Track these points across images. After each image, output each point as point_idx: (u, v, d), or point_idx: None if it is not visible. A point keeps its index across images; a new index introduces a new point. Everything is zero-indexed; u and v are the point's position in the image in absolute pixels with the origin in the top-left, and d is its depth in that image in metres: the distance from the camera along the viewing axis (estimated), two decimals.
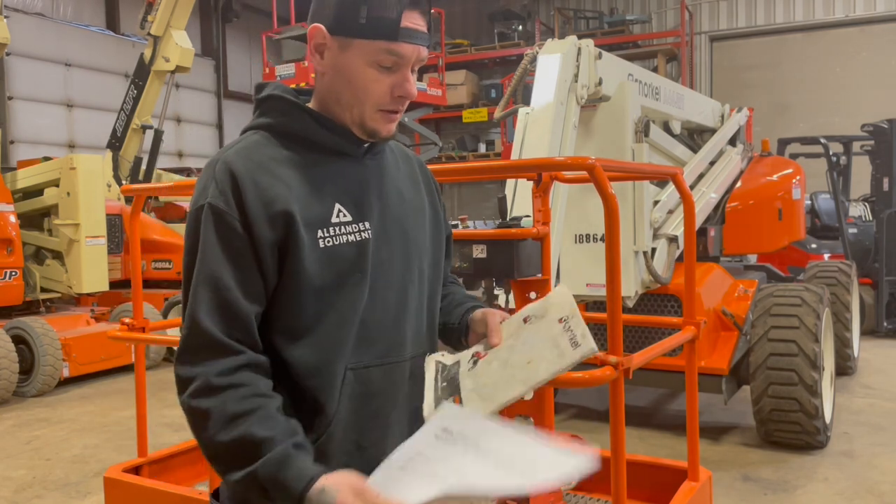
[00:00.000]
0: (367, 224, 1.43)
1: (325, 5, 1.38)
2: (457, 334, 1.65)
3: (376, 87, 1.39)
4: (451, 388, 1.45)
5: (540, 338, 1.49)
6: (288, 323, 1.37)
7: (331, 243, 1.37)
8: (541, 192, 3.05)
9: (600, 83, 4.26)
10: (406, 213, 1.53)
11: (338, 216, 1.40)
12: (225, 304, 1.30)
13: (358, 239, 1.41)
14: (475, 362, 1.50)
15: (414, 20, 1.37)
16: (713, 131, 6.12)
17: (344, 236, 1.39)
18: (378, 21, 1.35)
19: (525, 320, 1.54)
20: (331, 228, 1.38)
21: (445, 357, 1.53)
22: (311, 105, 1.46)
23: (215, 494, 1.48)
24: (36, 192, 7.94)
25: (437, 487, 1.14)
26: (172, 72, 9.55)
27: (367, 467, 1.27)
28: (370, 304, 1.42)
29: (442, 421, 1.31)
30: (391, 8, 1.34)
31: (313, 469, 1.24)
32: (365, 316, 1.41)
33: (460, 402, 1.42)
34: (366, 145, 1.47)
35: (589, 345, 1.45)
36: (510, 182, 3.77)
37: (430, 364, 1.51)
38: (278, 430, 1.26)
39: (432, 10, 1.48)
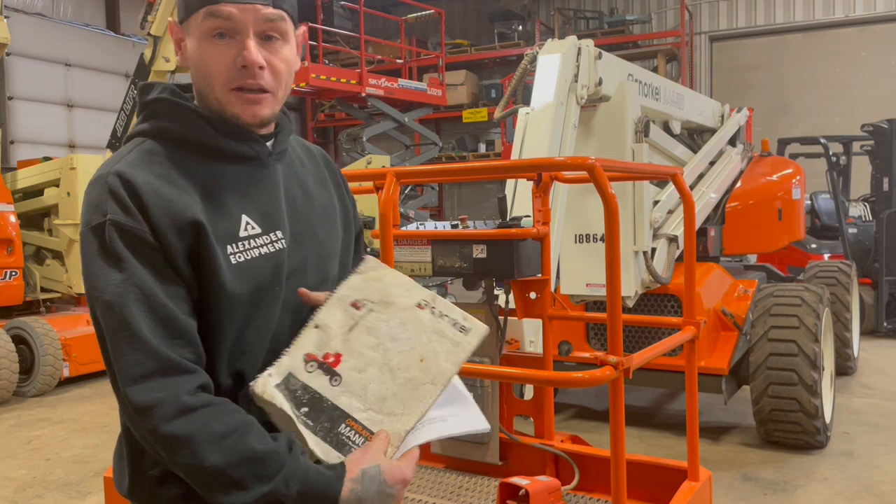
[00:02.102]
0: (278, 234, 1.34)
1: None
2: None
3: (216, 60, 1.28)
4: (324, 414, 1.23)
5: (412, 331, 1.32)
6: (207, 343, 1.25)
7: (242, 259, 1.28)
8: (541, 192, 3.05)
9: (600, 83, 4.27)
10: (316, 215, 1.44)
11: (246, 229, 1.30)
12: (167, 320, 1.19)
13: (271, 251, 1.32)
14: (328, 371, 1.26)
15: None
16: (713, 131, 6.13)
17: (255, 250, 1.30)
18: None
19: (356, 305, 1.33)
20: (240, 243, 1.29)
21: (271, 377, 1.25)
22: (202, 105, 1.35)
23: None
24: (36, 192, 7.95)
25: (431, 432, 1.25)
26: (172, 72, 9.53)
27: None
28: (282, 316, 1.33)
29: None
30: None
31: (330, 467, 1.19)
32: (278, 331, 1.33)
33: (360, 427, 1.23)
34: (269, 144, 1.38)
35: (479, 326, 1.36)
36: (510, 182, 3.77)
37: (269, 392, 1.22)
38: (279, 441, 1.19)
39: (432, 11, 1.41)
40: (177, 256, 1.22)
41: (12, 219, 7.42)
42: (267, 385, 1.23)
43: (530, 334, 3.50)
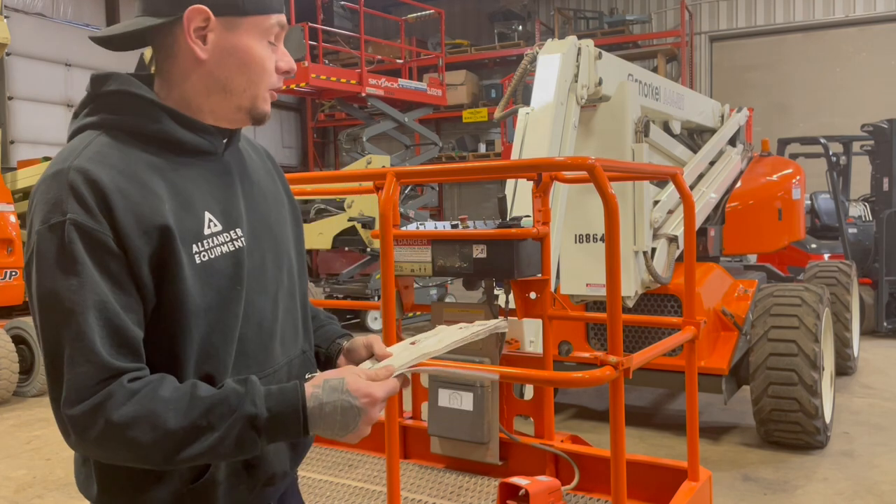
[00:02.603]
0: (238, 231, 1.32)
1: None
2: (321, 358, 1.56)
3: (268, 63, 1.32)
4: None
5: (445, 334, 1.55)
6: (173, 349, 1.23)
7: (206, 258, 1.25)
8: (541, 192, 3.05)
9: (600, 83, 4.27)
10: (269, 208, 1.43)
11: (209, 226, 1.27)
12: (118, 331, 1.16)
13: (232, 249, 1.30)
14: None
15: None
16: (713, 131, 6.13)
17: (218, 248, 1.28)
18: (252, 1, 1.29)
19: (413, 343, 1.50)
20: (204, 241, 1.26)
21: None
22: (162, 98, 1.31)
23: None
24: None
25: (414, 354, 1.38)
26: None
27: (255, 482, 1.32)
28: (245, 315, 1.32)
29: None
30: None
31: (289, 384, 1.22)
32: (243, 330, 1.31)
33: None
34: (224, 141, 1.36)
35: (496, 321, 1.63)
36: (510, 182, 3.77)
37: None
38: (228, 384, 1.20)
39: (432, 11, 1.46)
40: (141, 262, 1.18)
41: (12, 219, 7.42)
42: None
43: (530, 334, 3.50)
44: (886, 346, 8.20)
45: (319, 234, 9.37)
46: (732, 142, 6.31)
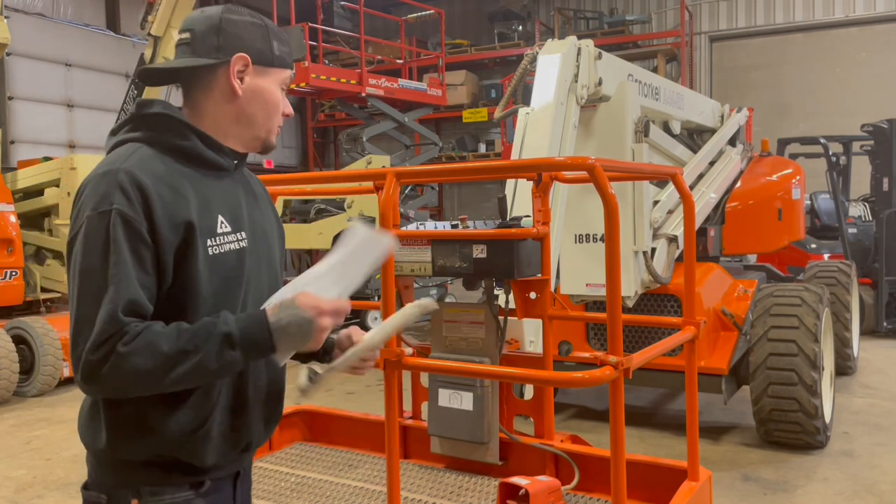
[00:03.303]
0: (243, 234, 1.63)
1: (244, 40, 1.62)
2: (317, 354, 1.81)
3: (279, 105, 1.70)
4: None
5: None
6: (185, 321, 1.49)
7: (218, 251, 1.55)
8: (541, 192, 3.06)
9: (600, 83, 4.27)
10: (264, 221, 1.75)
11: (221, 227, 1.58)
12: (136, 302, 1.44)
13: (237, 248, 1.60)
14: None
15: None
16: (713, 131, 6.13)
17: (227, 245, 1.58)
18: (284, 53, 1.69)
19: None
20: (217, 237, 1.56)
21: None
22: (194, 124, 1.62)
23: (87, 485, 1.61)
24: (36, 192, 7.95)
25: (341, 287, 1.63)
26: None
27: (237, 445, 1.63)
28: (243, 302, 1.61)
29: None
30: (286, 44, 1.70)
31: (253, 311, 1.52)
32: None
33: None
34: (235, 162, 1.69)
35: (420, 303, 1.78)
36: (510, 182, 3.77)
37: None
38: (204, 319, 1.48)
39: (432, 11, 1.58)
40: (167, 249, 1.48)
41: (12, 219, 7.42)
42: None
43: (530, 334, 3.51)
44: (886, 346, 8.21)
45: (319, 234, 9.37)
46: (732, 142, 6.31)
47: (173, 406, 1.52)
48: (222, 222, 1.58)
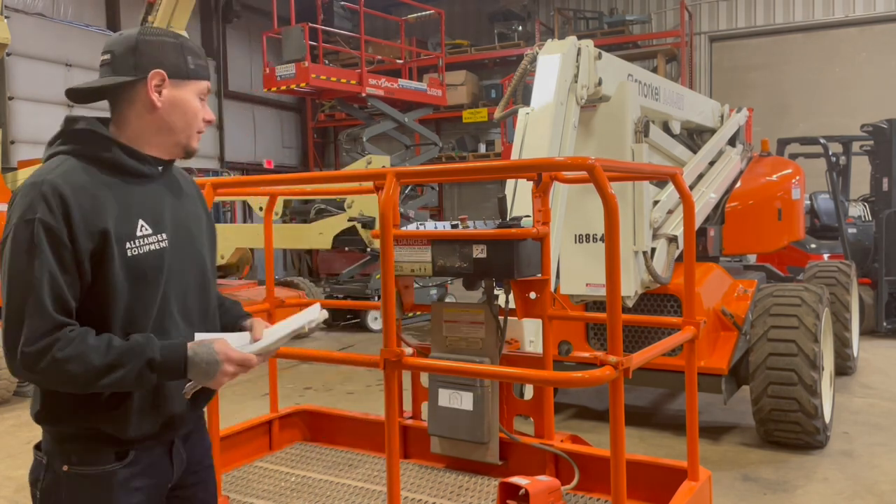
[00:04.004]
0: (163, 236, 1.79)
1: (160, 57, 1.80)
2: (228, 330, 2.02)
3: (198, 114, 1.87)
4: None
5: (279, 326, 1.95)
6: (103, 314, 1.70)
7: (136, 253, 1.73)
8: (541, 192, 3.06)
9: (600, 83, 4.27)
10: (191, 222, 1.91)
11: (141, 230, 1.75)
12: (61, 298, 1.64)
13: (157, 248, 1.77)
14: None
15: None
16: (713, 131, 6.13)
17: (147, 246, 1.75)
18: (199, 67, 1.87)
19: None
20: (136, 241, 1.73)
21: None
22: (115, 135, 1.81)
23: (38, 446, 1.81)
24: None
25: (264, 341, 1.88)
26: None
27: (157, 419, 1.80)
28: (163, 295, 1.79)
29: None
30: (201, 57, 1.88)
31: (178, 341, 1.74)
32: (160, 306, 1.78)
33: None
34: (160, 168, 1.86)
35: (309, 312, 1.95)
36: (510, 182, 3.77)
37: None
38: (135, 338, 1.69)
39: (432, 11, 1.60)
40: (83, 253, 1.66)
41: None
42: None
43: (530, 334, 3.51)
44: (886, 346, 8.21)
45: (319, 234, 9.37)
46: (732, 142, 6.31)
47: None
48: (143, 226, 1.75)
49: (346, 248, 10.57)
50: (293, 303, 3.89)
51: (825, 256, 8.95)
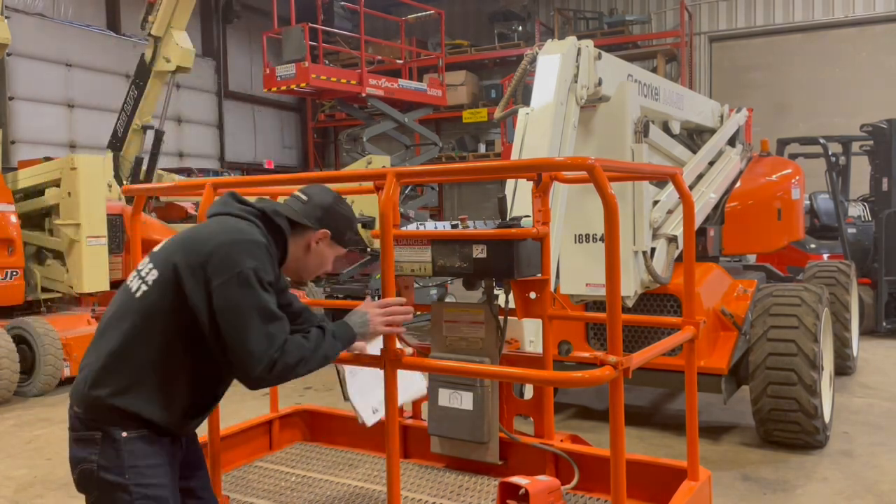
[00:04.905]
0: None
1: (336, 224, 2.37)
2: None
3: (327, 267, 2.44)
4: None
5: None
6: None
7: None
8: (540, 192, 3.06)
9: (600, 83, 4.27)
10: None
11: (279, 284, 2.33)
12: (277, 317, 2.14)
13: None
14: None
15: None
16: (712, 131, 6.13)
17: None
18: (351, 241, 2.44)
19: None
20: (277, 288, 2.29)
21: None
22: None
23: (85, 425, 2.35)
24: (37, 192, 7.94)
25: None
26: (173, 72, 9.54)
27: (193, 426, 2.33)
28: None
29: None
30: (356, 234, 2.47)
31: (340, 321, 2.32)
32: None
33: None
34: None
35: None
36: (510, 182, 3.78)
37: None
38: (313, 331, 2.24)
39: (432, 11, 1.69)
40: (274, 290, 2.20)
41: (13, 219, 7.42)
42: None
43: (530, 334, 3.51)
44: (886, 346, 8.21)
45: None
46: (732, 142, 6.31)
47: (179, 393, 2.17)
48: (280, 280, 2.38)
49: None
50: None
51: (825, 256, 8.95)
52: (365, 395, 2.49)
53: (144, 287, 2.17)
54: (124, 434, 2.14)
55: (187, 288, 2.07)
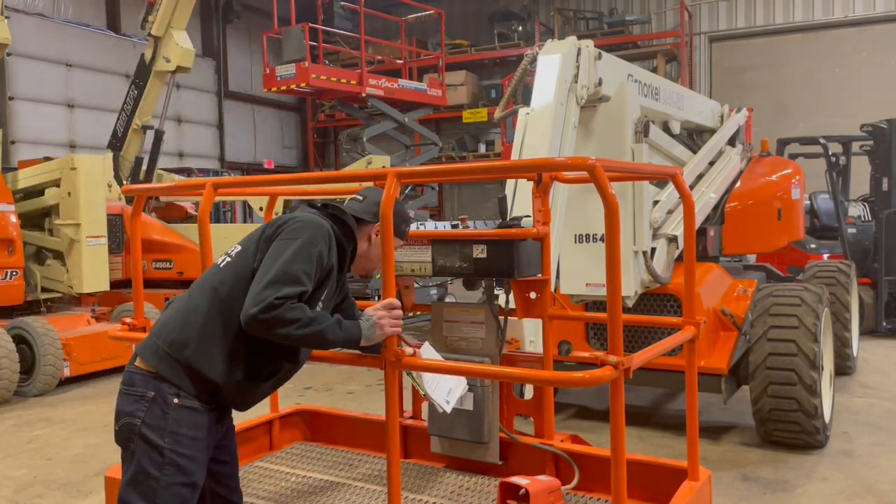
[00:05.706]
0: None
1: (394, 220, 2.43)
2: None
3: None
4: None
5: None
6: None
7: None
8: (541, 192, 3.06)
9: (600, 83, 4.27)
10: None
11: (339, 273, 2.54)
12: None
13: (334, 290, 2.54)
14: None
15: None
16: (713, 131, 6.13)
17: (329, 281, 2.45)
18: (403, 232, 2.62)
19: None
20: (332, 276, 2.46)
21: None
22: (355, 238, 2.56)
23: (138, 373, 2.33)
24: (37, 192, 7.94)
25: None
26: (173, 72, 9.55)
27: (250, 404, 2.44)
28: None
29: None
30: (408, 225, 2.69)
31: (352, 321, 2.38)
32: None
33: None
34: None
35: None
36: (510, 182, 3.78)
37: None
38: (333, 318, 2.33)
39: (432, 11, 1.70)
40: (331, 272, 2.39)
41: (13, 219, 7.42)
42: None
43: (530, 334, 3.51)
44: (886, 346, 8.21)
45: None
46: (732, 142, 6.31)
47: (239, 357, 2.30)
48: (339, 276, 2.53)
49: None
50: None
51: (825, 256, 8.95)
52: (435, 387, 2.63)
53: (228, 259, 2.40)
54: (175, 401, 2.27)
55: (261, 250, 2.31)
